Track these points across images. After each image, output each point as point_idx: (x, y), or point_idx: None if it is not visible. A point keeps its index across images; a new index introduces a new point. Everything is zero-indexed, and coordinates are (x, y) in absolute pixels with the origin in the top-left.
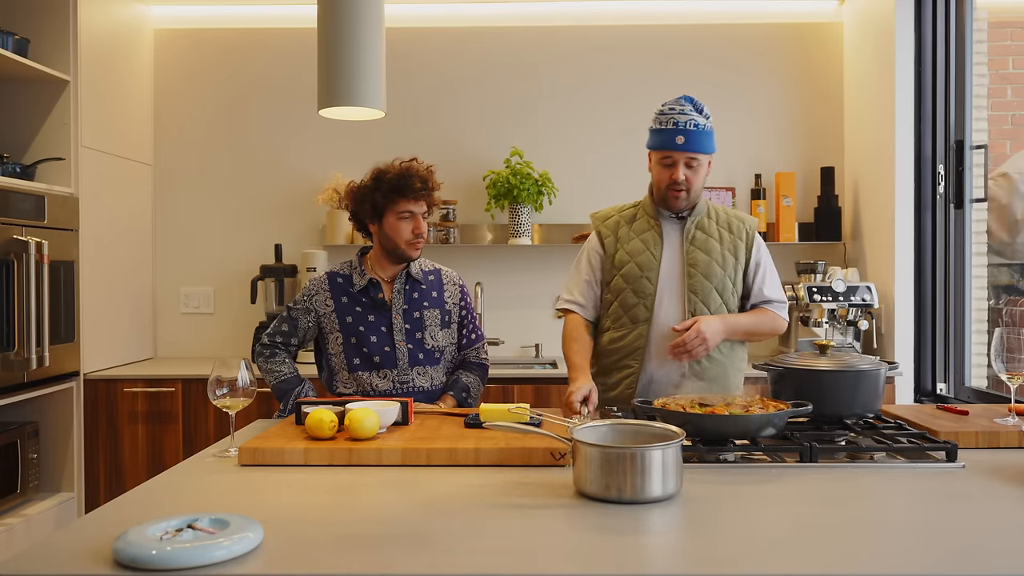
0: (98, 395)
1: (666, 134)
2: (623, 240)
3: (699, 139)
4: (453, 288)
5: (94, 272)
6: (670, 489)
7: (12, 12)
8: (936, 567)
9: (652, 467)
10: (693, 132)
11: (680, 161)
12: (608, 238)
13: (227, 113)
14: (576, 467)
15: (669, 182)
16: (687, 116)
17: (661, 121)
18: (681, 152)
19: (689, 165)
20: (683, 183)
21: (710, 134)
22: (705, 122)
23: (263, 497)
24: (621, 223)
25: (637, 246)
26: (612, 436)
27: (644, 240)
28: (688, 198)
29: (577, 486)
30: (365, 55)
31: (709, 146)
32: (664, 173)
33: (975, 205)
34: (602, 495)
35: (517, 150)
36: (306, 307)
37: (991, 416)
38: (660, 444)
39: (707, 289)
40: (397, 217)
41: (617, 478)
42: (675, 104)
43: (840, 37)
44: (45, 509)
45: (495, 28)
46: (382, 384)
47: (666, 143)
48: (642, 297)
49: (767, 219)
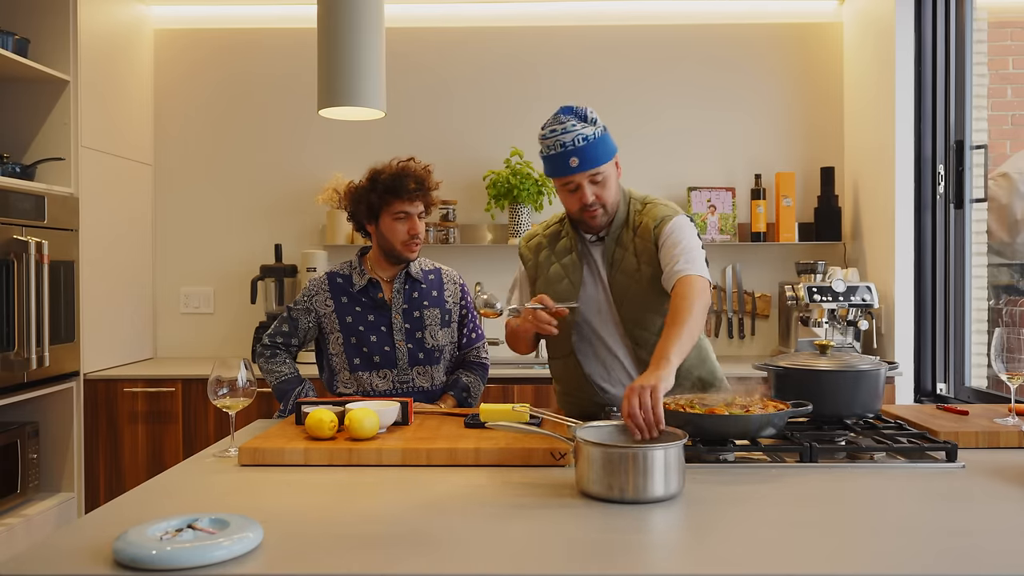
0: (98, 395)
1: (557, 159)
2: (543, 265)
3: (593, 152)
4: (453, 287)
5: (94, 272)
6: (672, 489)
7: (12, 12)
8: (935, 567)
9: (654, 467)
10: (584, 148)
11: (583, 182)
12: (530, 262)
13: (227, 113)
14: (578, 467)
15: (579, 206)
16: (571, 132)
17: (548, 145)
18: (580, 173)
19: (594, 181)
20: (595, 203)
21: (604, 139)
22: (594, 129)
23: (263, 497)
24: (543, 244)
25: (556, 273)
26: (615, 436)
27: (564, 265)
28: (607, 212)
29: (579, 486)
30: (365, 55)
31: (607, 154)
32: (572, 199)
33: (975, 205)
34: (604, 495)
35: (517, 150)
36: (306, 307)
37: (991, 416)
38: (663, 444)
39: (639, 313)
40: (393, 218)
41: (620, 478)
42: (555, 124)
43: (840, 37)
44: (45, 509)
45: (495, 28)
46: (382, 384)
47: (561, 169)
48: (574, 328)
49: (767, 219)
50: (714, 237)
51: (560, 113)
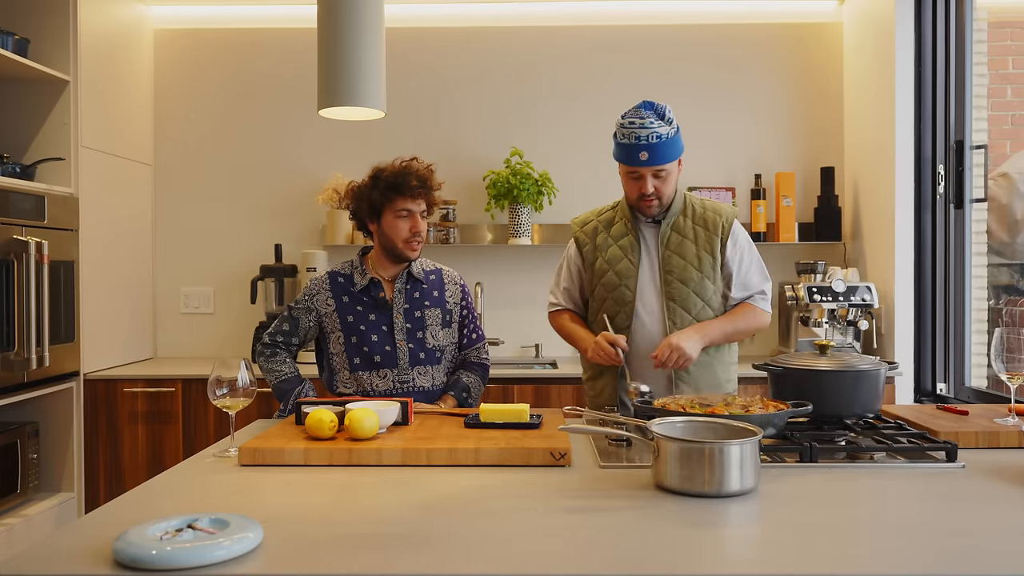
0: (98, 395)
1: (630, 149)
2: (601, 248)
3: (663, 151)
4: (454, 288)
5: (94, 272)
6: (748, 484)
7: (12, 12)
8: (936, 567)
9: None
10: (656, 145)
11: (647, 175)
12: (587, 246)
13: (227, 113)
14: (656, 462)
15: (638, 194)
16: (648, 129)
17: (624, 135)
18: (647, 167)
19: (657, 176)
20: (653, 194)
21: (675, 140)
22: (668, 129)
23: (263, 497)
24: (600, 228)
25: (616, 253)
26: (690, 432)
27: (622, 246)
28: (661, 204)
29: (655, 479)
30: (365, 55)
31: (675, 153)
32: (633, 186)
33: (975, 205)
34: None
35: (517, 150)
36: (307, 306)
37: (991, 416)
38: (738, 440)
39: (684, 294)
40: (395, 215)
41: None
42: (635, 116)
43: (840, 37)
44: (45, 509)
45: (495, 28)
46: (382, 384)
47: (631, 159)
48: (622, 306)
49: (767, 219)
50: None
51: (641, 107)
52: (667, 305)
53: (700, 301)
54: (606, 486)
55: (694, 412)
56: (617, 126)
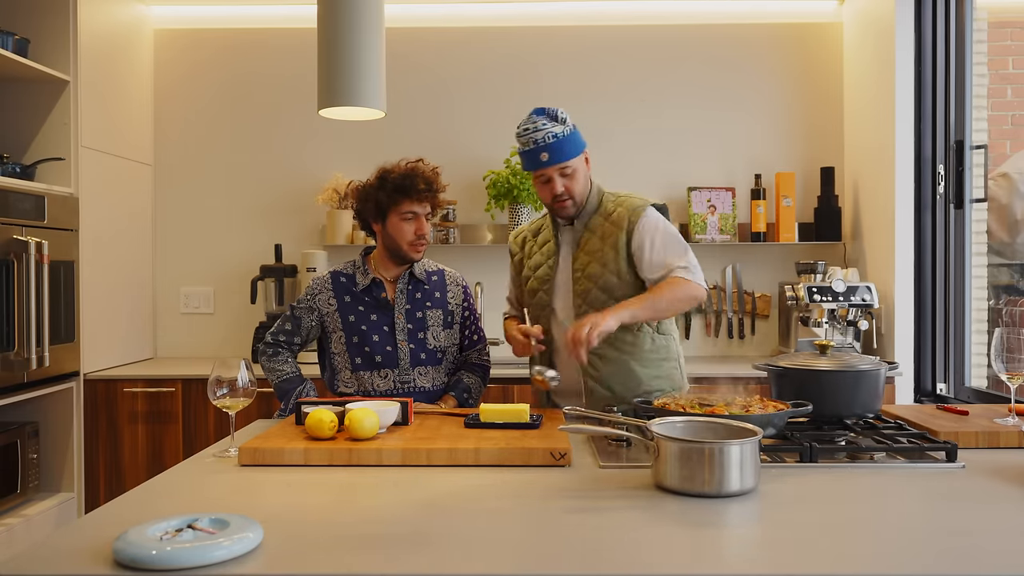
0: (98, 395)
1: (530, 154)
2: (528, 255)
3: (562, 148)
4: (456, 289)
5: (94, 272)
6: (748, 484)
7: (12, 12)
8: (936, 567)
9: (730, 462)
10: (553, 144)
11: (554, 175)
12: (516, 255)
13: (227, 113)
14: (656, 462)
15: (551, 197)
16: (542, 130)
17: (523, 143)
18: (551, 166)
19: (564, 174)
20: (564, 193)
21: (573, 136)
22: (563, 128)
23: (263, 497)
24: (528, 237)
25: (537, 260)
26: (690, 432)
27: (544, 252)
28: (575, 203)
29: (655, 479)
30: (365, 55)
31: (575, 149)
32: (544, 190)
33: (975, 205)
34: (680, 488)
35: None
36: (309, 306)
37: (991, 416)
38: (738, 440)
39: (588, 289)
40: (400, 217)
41: (699, 472)
42: (528, 123)
43: (840, 37)
44: (45, 509)
45: (495, 28)
46: (383, 384)
47: (533, 163)
48: (541, 309)
49: (767, 219)
50: (714, 237)
51: (533, 114)
52: (574, 303)
53: (603, 296)
54: (606, 486)
55: (694, 412)
56: (516, 137)
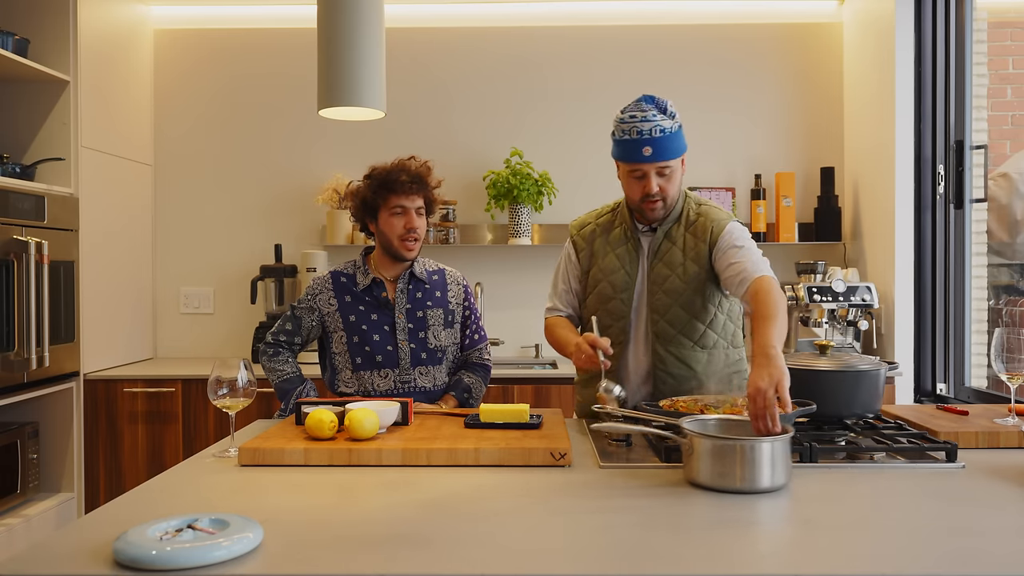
0: (98, 395)
1: (631, 145)
2: (598, 255)
3: (668, 145)
4: (457, 288)
5: (94, 272)
6: (780, 480)
7: (12, 12)
8: (936, 567)
9: (762, 459)
10: (660, 139)
11: (651, 172)
12: (583, 251)
13: (227, 113)
14: (689, 459)
15: (642, 195)
16: (651, 122)
17: (624, 131)
18: (651, 163)
19: (661, 174)
20: (657, 194)
21: (679, 134)
22: (671, 123)
23: (263, 497)
24: (597, 233)
25: (612, 263)
26: (720, 428)
27: (619, 255)
28: (665, 206)
29: (688, 477)
30: (365, 55)
31: (679, 148)
32: (636, 186)
33: (975, 205)
34: (716, 485)
35: (517, 150)
36: (310, 306)
37: (991, 416)
38: (769, 438)
39: (667, 306)
40: (390, 213)
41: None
42: (635, 110)
43: (840, 37)
44: (45, 509)
45: (495, 28)
46: (384, 384)
47: (632, 155)
48: (616, 319)
49: (767, 219)
50: None
51: (642, 100)
52: (650, 318)
53: (685, 315)
54: (606, 486)
55: (688, 412)
56: (616, 122)
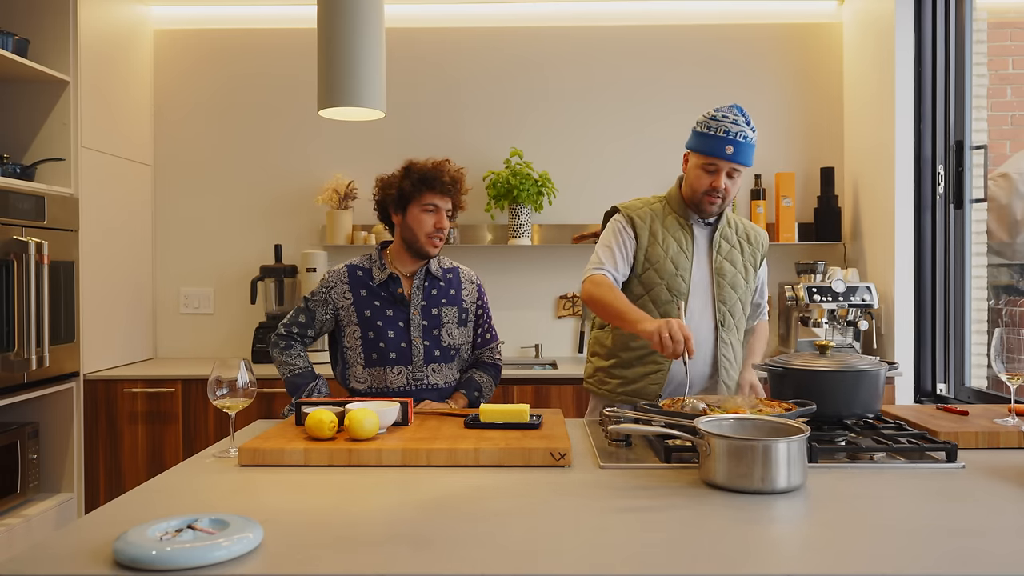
0: (98, 395)
1: (716, 141)
2: (657, 235)
3: (746, 152)
4: (471, 287)
5: (94, 272)
6: (796, 481)
7: (12, 12)
8: (936, 567)
9: (779, 459)
10: (742, 144)
11: (724, 170)
12: (642, 229)
13: (227, 113)
14: (706, 460)
15: (709, 188)
16: (739, 127)
17: (711, 127)
18: (728, 162)
19: (731, 175)
20: (722, 191)
21: (753, 148)
22: (753, 136)
23: (263, 497)
24: (654, 217)
25: (673, 245)
26: (738, 430)
27: (678, 240)
28: (722, 205)
29: (704, 477)
30: (365, 55)
31: (750, 160)
32: (705, 178)
33: (975, 205)
34: (735, 485)
35: (517, 150)
36: (324, 299)
37: (991, 416)
38: (784, 438)
39: (733, 300)
40: (421, 209)
41: (748, 469)
42: (728, 112)
43: (840, 37)
44: (45, 509)
45: (495, 29)
46: (396, 380)
47: (715, 150)
48: (675, 295)
49: (767, 219)
50: None
51: (734, 107)
52: (718, 307)
53: (741, 310)
54: (606, 486)
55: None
56: (706, 117)
